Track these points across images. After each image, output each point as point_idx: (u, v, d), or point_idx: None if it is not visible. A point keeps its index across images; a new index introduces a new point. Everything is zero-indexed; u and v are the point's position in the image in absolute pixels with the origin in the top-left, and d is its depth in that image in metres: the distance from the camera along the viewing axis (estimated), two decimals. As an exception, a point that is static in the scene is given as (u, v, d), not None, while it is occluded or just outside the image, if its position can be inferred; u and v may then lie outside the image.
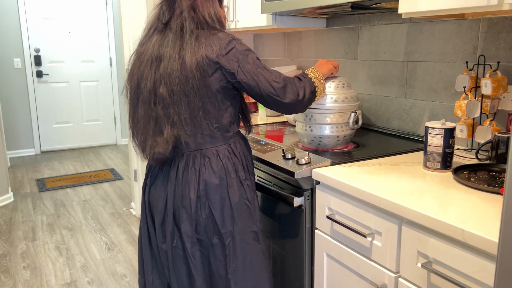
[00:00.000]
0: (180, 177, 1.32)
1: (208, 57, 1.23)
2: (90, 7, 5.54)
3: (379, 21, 1.95)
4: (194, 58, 1.22)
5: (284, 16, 2.15)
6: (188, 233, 1.32)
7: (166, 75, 1.24)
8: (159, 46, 1.28)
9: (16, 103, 5.29)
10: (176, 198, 1.33)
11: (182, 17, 1.27)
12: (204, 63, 1.23)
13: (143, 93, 1.30)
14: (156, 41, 1.29)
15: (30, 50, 5.28)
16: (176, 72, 1.23)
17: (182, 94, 1.24)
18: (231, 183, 1.33)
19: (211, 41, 1.25)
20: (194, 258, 1.34)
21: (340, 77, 1.64)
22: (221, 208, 1.31)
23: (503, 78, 1.42)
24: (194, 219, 1.31)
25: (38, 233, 3.18)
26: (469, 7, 1.19)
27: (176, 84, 1.23)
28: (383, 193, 1.15)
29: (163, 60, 1.25)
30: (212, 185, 1.30)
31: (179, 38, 1.26)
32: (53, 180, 4.41)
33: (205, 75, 1.23)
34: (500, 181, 1.22)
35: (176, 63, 1.23)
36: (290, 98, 1.30)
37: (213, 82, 1.25)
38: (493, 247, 0.87)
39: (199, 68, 1.22)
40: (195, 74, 1.22)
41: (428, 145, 1.35)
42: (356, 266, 1.27)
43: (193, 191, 1.30)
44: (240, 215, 1.33)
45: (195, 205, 1.31)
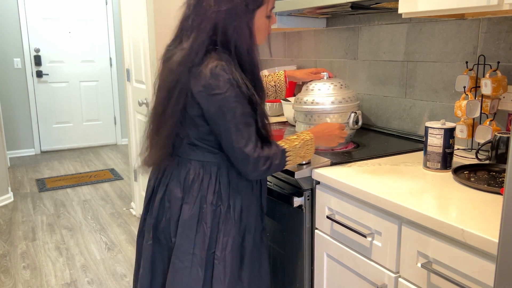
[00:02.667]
0: (161, 173, 1.33)
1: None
2: (90, 7, 5.54)
3: (379, 21, 1.95)
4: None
5: (284, 16, 2.15)
6: (149, 226, 1.33)
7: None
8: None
9: (16, 103, 5.29)
10: (154, 189, 1.35)
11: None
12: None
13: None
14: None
15: (30, 50, 5.28)
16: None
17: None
18: (190, 198, 1.26)
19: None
20: (148, 250, 1.34)
21: (337, 78, 1.64)
22: (177, 218, 1.27)
23: (503, 78, 1.42)
24: (155, 217, 1.32)
25: (38, 233, 3.18)
26: (469, 7, 1.19)
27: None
28: (383, 193, 1.15)
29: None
30: (174, 192, 1.27)
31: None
32: (53, 180, 4.41)
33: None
34: (500, 181, 1.22)
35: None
36: (247, 169, 1.20)
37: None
38: (493, 247, 0.87)
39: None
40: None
41: (428, 145, 1.35)
42: (356, 266, 1.27)
43: (161, 191, 1.31)
44: (184, 232, 1.25)
45: (158, 205, 1.31)
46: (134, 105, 3.25)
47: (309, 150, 1.31)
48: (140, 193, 3.34)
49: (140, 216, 3.43)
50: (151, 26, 2.68)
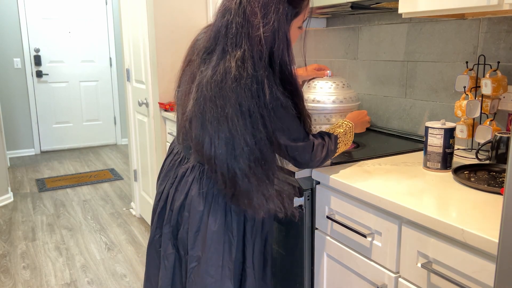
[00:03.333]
0: (178, 180, 1.29)
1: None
2: (90, 7, 5.54)
3: (379, 21, 1.95)
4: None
5: (284, 16, 2.15)
6: (168, 236, 1.30)
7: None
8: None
9: (16, 103, 5.29)
10: (169, 196, 1.31)
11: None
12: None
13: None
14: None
15: (30, 50, 5.28)
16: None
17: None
18: (215, 209, 1.22)
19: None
20: (167, 260, 1.30)
21: (340, 77, 1.64)
22: (197, 229, 1.23)
23: (503, 78, 1.42)
24: (173, 225, 1.29)
25: (38, 233, 3.18)
26: (469, 7, 1.19)
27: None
28: (383, 193, 1.15)
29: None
30: (196, 203, 1.23)
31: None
32: (53, 180, 4.41)
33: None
34: (500, 181, 1.22)
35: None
36: (306, 159, 1.23)
37: None
38: (493, 247, 0.87)
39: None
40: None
41: (428, 145, 1.35)
42: (356, 266, 1.27)
43: (179, 200, 1.26)
44: (213, 245, 1.22)
45: (176, 214, 1.27)
46: (134, 105, 3.25)
47: (351, 137, 1.36)
48: (140, 193, 3.34)
49: (140, 217, 3.43)
50: (151, 26, 2.68)
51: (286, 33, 1.11)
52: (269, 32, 1.07)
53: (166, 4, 2.63)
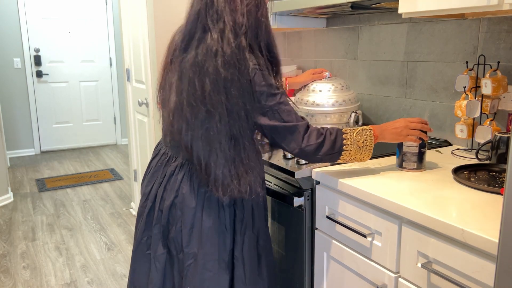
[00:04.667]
0: (166, 179, 1.28)
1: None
2: (90, 7, 5.54)
3: (379, 21, 1.95)
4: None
5: (284, 16, 2.15)
6: (158, 236, 1.29)
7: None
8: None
9: (16, 103, 5.29)
10: (157, 196, 1.30)
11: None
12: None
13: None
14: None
15: (30, 50, 5.28)
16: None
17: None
18: (207, 205, 1.23)
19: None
20: (158, 261, 1.29)
21: (339, 79, 1.64)
22: (191, 227, 1.23)
23: (503, 78, 1.42)
24: (164, 225, 1.27)
25: (38, 233, 3.18)
26: (469, 7, 1.19)
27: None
28: (383, 193, 1.15)
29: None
30: (188, 201, 1.23)
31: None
32: (53, 180, 4.41)
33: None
34: (500, 181, 1.22)
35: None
36: (299, 142, 1.17)
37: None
38: (493, 247, 0.87)
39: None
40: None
41: (404, 146, 1.33)
42: (356, 266, 1.27)
43: (169, 199, 1.25)
44: (209, 240, 1.23)
45: (167, 213, 1.26)
46: (134, 105, 3.25)
47: (367, 140, 1.24)
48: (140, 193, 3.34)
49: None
50: (151, 26, 2.68)
51: (265, 3, 1.14)
52: (251, 4, 1.11)
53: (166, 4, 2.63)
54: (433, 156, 1.51)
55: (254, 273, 1.30)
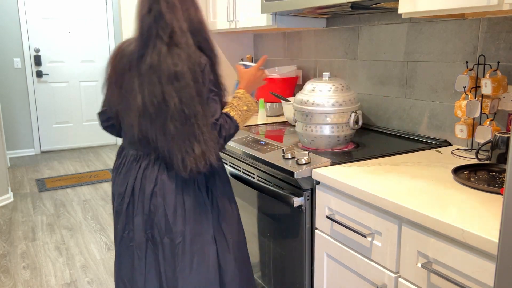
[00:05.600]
0: (141, 172, 1.38)
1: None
2: (90, 7, 5.54)
3: (379, 21, 1.95)
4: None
5: (284, 16, 2.15)
6: (140, 227, 1.37)
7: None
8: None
9: (16, 103, 5.29)
10: (135, 189, 1.38)
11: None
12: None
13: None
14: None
15: (30, 50, 5.28)
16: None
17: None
18: (186, 187, 1.35)
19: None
20: (140, 249, 1.38)
21: (339, 79, 1.64)
22: (174, 208, 1.34)
23: (503, 78, 1.42)
24: (147, 213, 1.36)
25: (38, 233, 3.18)
26: (469, 7, 1.19)
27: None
28: (383, 193, 1.15)
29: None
30: (168, 186, 1.34)
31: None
32: (53, 180, 4.41)
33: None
34: (500, 181, 1.22)
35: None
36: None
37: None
38: (493, 247, 0.87)
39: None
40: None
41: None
42: (356, 266, 1.27)
43: (149, 187, 1.35)
44: (192, 217, 1.35)
45: (148, 202, 1.35)
46: (134, 105, 3.24)
47: (248, 101, 1.43)
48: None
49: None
50: (151, 26, 2.67)
51: (200, 9, 1.39)
52: (190, 11, 1.35)
53: (166, 4, 2.63)
54: (433, 156, 1.51)
55: (235, 240, 1.45)
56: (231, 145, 1.79)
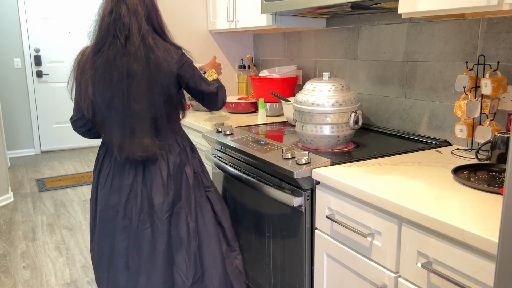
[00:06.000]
0: (142, 169, 1.62)
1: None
2: (90, 7, 5.54)
3: (379, 21, 1.95)
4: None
5: (284, 16, 2.15)
6: (160, 205, 1.60)
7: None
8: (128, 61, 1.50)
9: (16, 103, 5.29)
10: (145, 177, 1.61)
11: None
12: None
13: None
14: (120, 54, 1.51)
15: (30, 50, 5.28)
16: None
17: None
18: (189, 161, 1.68)
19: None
20: (161, 224, 1.61)
21: (339, 79, 1.64)
22: (185, 181, 1.66)
23: (503, 78, 1.42)
24: (165, 192, 1.61)
25: (38, 233, 3.19)
26: (469, 7, 1.19)
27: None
28: (383, 193, 1.15)
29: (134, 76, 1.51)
30: (176, 165, 1.64)
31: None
32: (53, 180, 4.41)
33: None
34: (500, 181, 1.22)
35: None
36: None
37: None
38: (493, 247, 0.87)
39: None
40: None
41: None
42: (356, 266, 1.27)
43: (165, 171, 1.61)
44: (194, 184, 1.68)
45: (172, 183, 1.62)
46: (134, 105, 3.24)
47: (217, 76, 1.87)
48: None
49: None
50: (151, 26, 2.68)
51: (156, 6, 1.59)
52: (149, 9, 1.55)
53: (166, 3, 2.63)
54: (433, 156, 1.51)
55: (221, 202, 1.78)
56: (231, 145, 1.79)
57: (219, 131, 1.97)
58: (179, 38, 2.68)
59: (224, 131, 1.93)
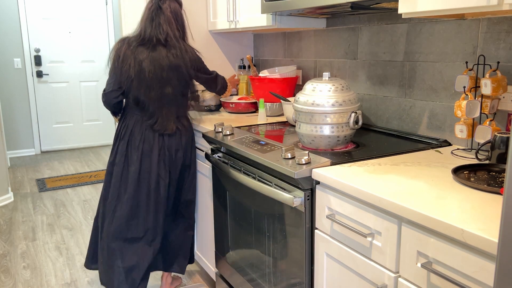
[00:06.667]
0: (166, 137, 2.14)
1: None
2: (90, 7, 5.54)
3: (379, 21, 1.95)
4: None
5: (284, 16, 2.15)
6: (174, 166, 2.14)
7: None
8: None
9: (16, 103, 5.30)
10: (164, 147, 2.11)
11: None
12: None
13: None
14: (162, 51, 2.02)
15: (30, 50, 5.28)
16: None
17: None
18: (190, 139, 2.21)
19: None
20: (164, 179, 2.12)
21: (339, 80, 1.64)
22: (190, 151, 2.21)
23: (503, 78, 1.42)
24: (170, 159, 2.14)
25: (38, 233, 3.19)
26: (469, 7, 1.19)
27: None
28: (383, 193, 1.15)
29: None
30: (188, 141, 2.18)
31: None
32: (53, 180, 4.41)
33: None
34: (500, 181, 1.22)
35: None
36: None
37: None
38: (493, 247, 0.87)
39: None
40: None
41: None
42: (356, 266, 1.27)
43: (179, 142, 2.15)
44: (194, 157, 2.23)
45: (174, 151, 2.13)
46: (134, 105, 3.24)
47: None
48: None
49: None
50: (151, 26, 2.67)
51: (182, 17, 2.12)
52: (179, 21, 2.09)
53: (166, 4, 2.63)
54: (433, 156, 1.51)
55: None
56: (231, 145, 1.79)
57: (219, 131, 1.98)
58: (179, 38, 2.69)
59: (224, 131, 1.93)
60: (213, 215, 2.19)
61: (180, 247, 2.27)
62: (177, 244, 2.25)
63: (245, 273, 1.91)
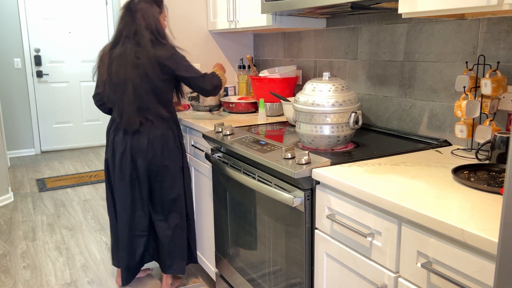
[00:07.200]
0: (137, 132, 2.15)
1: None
2: (90, 7, 5.54)
3: (379, 21, 1.95)
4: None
5: (284, 16, 2.15)
6: (141, 165, 2.16)
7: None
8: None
9: (16, 103, 5.30)
10: (133, 144, 2.15)
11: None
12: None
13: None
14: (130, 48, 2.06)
15: (30, 50, 5.28)
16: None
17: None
18: (169, 136, 2.20)
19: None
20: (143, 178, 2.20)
21: (339, 80, 1.64)
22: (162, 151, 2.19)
23: (503, 78, 1.42)
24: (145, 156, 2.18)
25: (38, 233, 3.19)
26: (469, 7, 1.19)
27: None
28: (383, 193, 1.15)
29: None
30: (157, 137, 2.15)
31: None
32: (53, 180, 4.41)
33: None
34: (500, 181, 1.22)
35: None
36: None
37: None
38: (493, 247, 0.87)
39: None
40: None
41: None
42: (356, 266, 1.27)
43: (146, 140, 2.14)
44: (173, 155, 2.21)
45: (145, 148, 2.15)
46: (134, 105, 3.24)
47: (220, 74, 2.23)
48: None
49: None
50: (151, 26, 2.67)
51: (157, 17, 2.12)
52: (151, 20, 2.09)
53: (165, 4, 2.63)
54: (433, 156, 1.51)
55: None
56: (231, 145, 1.79)
57: (219, 131, 1.98)
58: (179, 38, 2.69)
59: (224, 131, 1.93)
60: (213, 215, 2.19)
61: (175, 248, 2.27)
62: (171, 245, 2.26)
63: (245, 273, 1.91)
